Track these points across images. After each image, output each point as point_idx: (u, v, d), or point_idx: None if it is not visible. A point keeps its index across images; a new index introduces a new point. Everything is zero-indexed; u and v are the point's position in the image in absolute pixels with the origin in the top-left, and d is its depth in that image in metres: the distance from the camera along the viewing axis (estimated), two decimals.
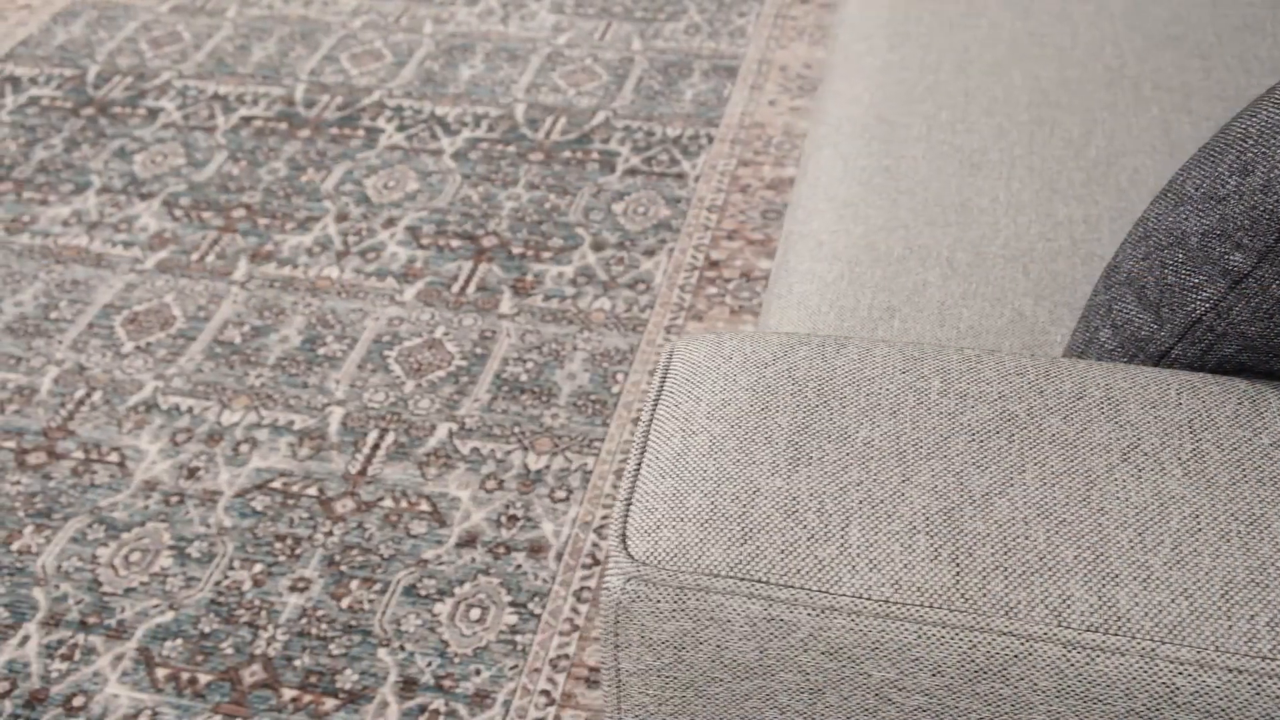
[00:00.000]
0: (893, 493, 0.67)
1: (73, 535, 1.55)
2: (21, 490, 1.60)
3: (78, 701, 1.37)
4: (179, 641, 1.43)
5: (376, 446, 1.65)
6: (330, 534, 1.54)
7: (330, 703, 1.36)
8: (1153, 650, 0.60)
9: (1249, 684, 0.59)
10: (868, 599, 0.64)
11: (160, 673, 1.39)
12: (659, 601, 0.66)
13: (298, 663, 1.40)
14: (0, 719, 1.35)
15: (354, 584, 1.48)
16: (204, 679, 1.39)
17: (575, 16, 2.56)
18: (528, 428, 1.67)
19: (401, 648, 1.41)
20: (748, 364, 0.75)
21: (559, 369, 1.75)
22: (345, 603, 1.46)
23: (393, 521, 1.55)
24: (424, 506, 1.57)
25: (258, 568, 1.50)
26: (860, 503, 0.67)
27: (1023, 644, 0.63)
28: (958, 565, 0.64)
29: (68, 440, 1.67)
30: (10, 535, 1.55)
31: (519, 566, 1.50)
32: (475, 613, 1.45)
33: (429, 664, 1.40)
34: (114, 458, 1.64)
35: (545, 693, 1.37)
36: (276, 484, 1.61)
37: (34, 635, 1.43)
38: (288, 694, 1.37)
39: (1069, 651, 0.62)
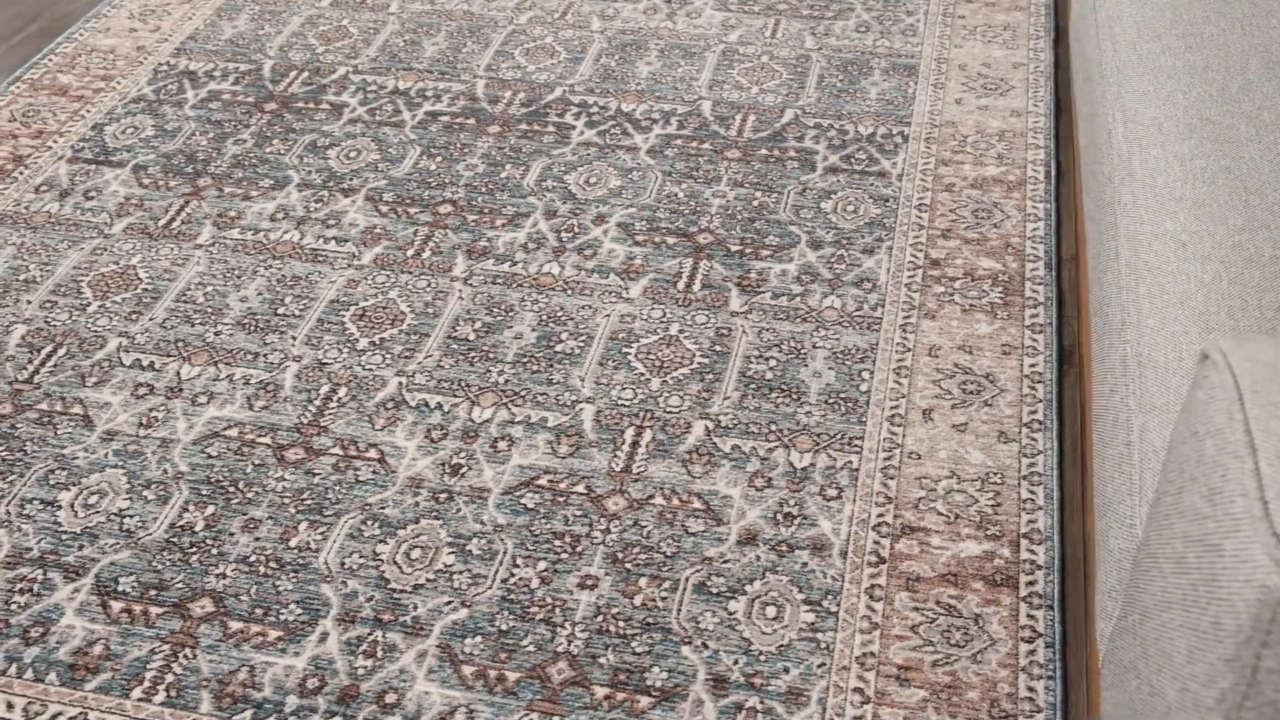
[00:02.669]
0: None
1: (349, 532, 1.54)
2: (287, 486, 1.60)
3: (390, 699, 1.36)
4: (478, 639, 1.42)
5: (636, 444, 1.65)
6: (608, 531, 1.54)
7: (644, 700, 1.36)
8: None
9: None
10: None
11: (466, 670, 1.39)
12: None
13: (603, 660, 1.40)
14: (316, 715, 1.35)
15: (643, 581, 1.48)
16: (512, 676, 1.39)
17: (741, 14, 2.56)
18: (784, 425, 1.67)
19: (704, 645, 1.41)
20: None
21: (803, 367, 1.75)
22: (638, 600, 1.46)
23: (668, 519, 1.55)
24: (696, 504, 1.57)
25: (542, 565, 1.50)
26: None
27: None
28: None
29: (323, 436, 1.66)
30: (286, 532, 1.54)
31: (805, 564, 1.50)
32: (771, 610, 1.45)
33: (735, 661, 1.40)
34: (373, 454, 1.64)
35: (858, 690, 1.37)
36: (543, 481, 1.60)
37: (332, 632, 1.43)
38: (600, 692, 1.37)
39: None
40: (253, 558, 1.51)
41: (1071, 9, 2.10)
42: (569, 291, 1.89)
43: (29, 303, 1.88)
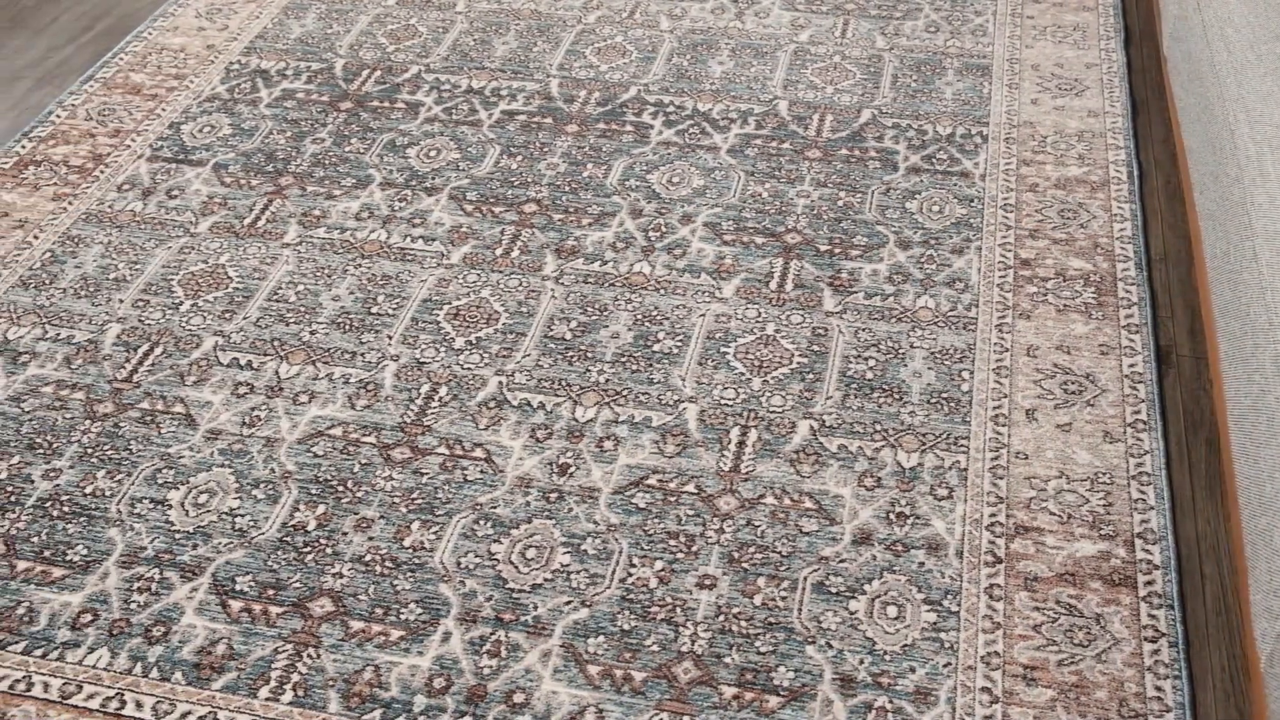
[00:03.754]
0: None
1: (462, 531, 1.54)
2: (396, 486, 1.60)
3: (518, 698, 1.36)
4: (601, 638, 1.42)
5: (742, 443, 1.65)
6: (722, 531, 1.54)
7: (773, 700, 1.36)
8: None
9: None
10: None
11: (592, 670, 1.39)
12: None
13: (728, 660, 1.40)
14: (445, 715, 1.35)
15: (760, 581, 1.48)
16: (638, 676, 1.38)
17: (810, 13, 2.56)
18: (888, 425, 1.67)
19: (828, 645, 1.41)
20: None
21: (902, 367, 1.75)
22: (758, 600, 1.46)
23: (781, 519, 1.55)
24: (808, 504, 1.57)
25: (659, 565, 1.50)
26: None
27: None
28: None
29: (427, 436, 1.66)
30: (399, 531, 1.54)
31: (922, 564, 1.50)
32: (892, 610, 1.45)
33: (861, 661, 1.40)
34: (479, 454, 1.64)
35: (986, 689, 1.37)
36: (652, 481, 1.60)
37: (455, 632, 1.43)
38: (727, 691, 1.37)
39: None
40: (368, 557, 1.51)
41: (1164, 10, 2.10)
42: (662, 291, 1.88)
43: (121, 301, 1.87)
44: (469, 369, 1.76)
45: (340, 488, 1.60)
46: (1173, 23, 1.91)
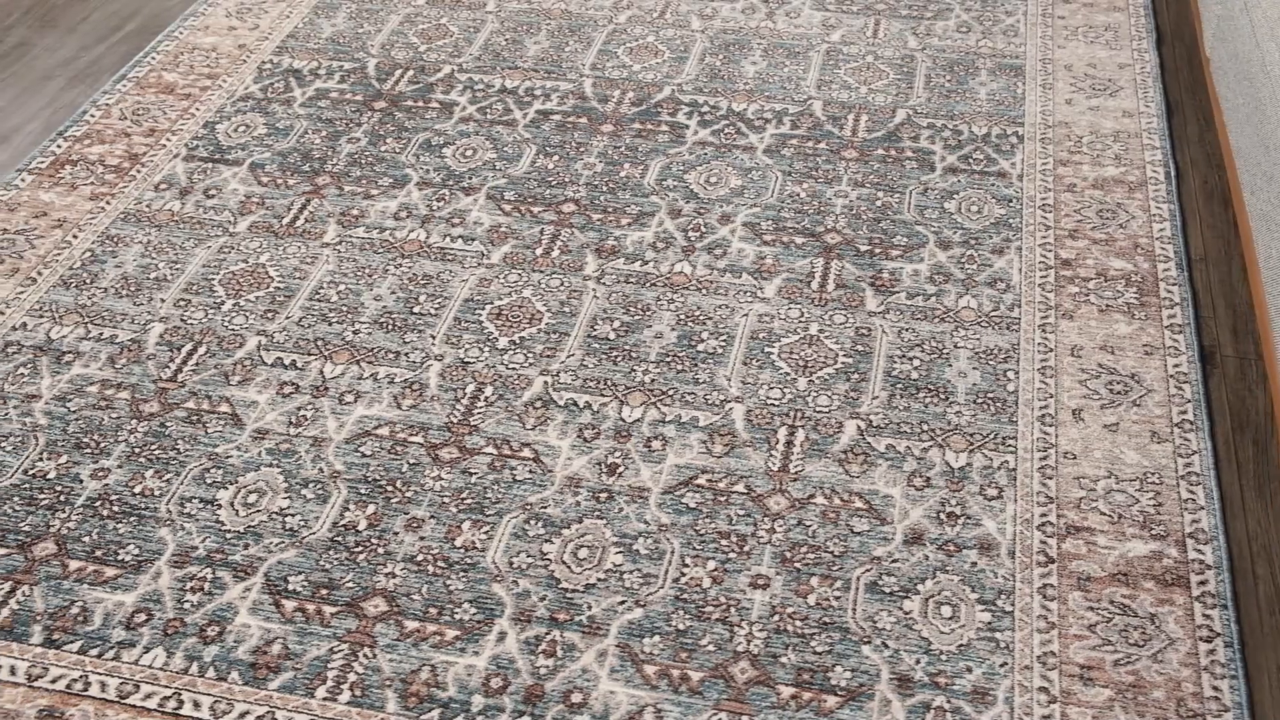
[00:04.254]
0: None
1: (513, 531, 1.54)
2: (445, 485, 1.60)
3: (576, 698, 1.36)
4: (657, 638, 1.42)
5: (790, 443, 1.65)
6: (773, 531, 1.54)
7: (831, 700, 1.36)
8: None
9: None
10: None
11: (649, 669, 1.39)
12: None
13: (784, 660, 1.40)
14: (503, 715, 1.35)
15: (814, 580, 1.48)
16: (695, 676, 1.38)
17: (840, 13, 2.56)
18: (935, 425, 1.67)
19: (884, 645, 1.41)
20: None
21: (947, 367, 1.75)
22: (811, 600, 1.46)
23: (831, 519, 1.55)
24: (858, 504, 1.57)
25: (711, 565, 1.50)
26: None
27: None
28: None
29: (474, 436, 1.66)
30: (450, 531, 1.54)
31: (974, 564, 1.50)
32: (946, 610, 1.45)
33: (917, 661, 1.40)
34: (527, 454, 1.63)
35: (1043, 689, 1.37)
36: (701, 481, 1.60)
37: (510, 632, 1.43)
38: (785, 691, 1.37)
39: None
40: (420, 557, 1.51)
41: (1204, 11, 2.10)
42: (704, 291, 1.88)
43: (162, 301, 1.87)
44: (513, 369, 1.76)
45: (389, 487, 1.59)
46: (1216, 23, 1.91)
